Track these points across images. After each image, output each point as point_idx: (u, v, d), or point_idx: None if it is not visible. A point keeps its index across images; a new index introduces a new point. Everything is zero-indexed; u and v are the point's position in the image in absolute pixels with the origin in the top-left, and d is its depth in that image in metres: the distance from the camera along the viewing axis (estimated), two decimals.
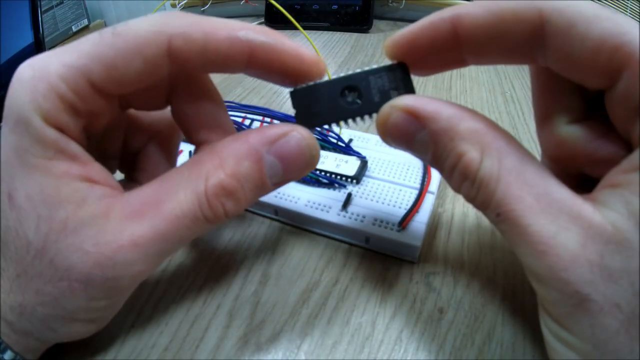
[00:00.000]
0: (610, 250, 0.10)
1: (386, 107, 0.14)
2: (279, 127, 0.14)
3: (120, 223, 0.13)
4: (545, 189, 0.12)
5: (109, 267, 0.13)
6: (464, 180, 0.13)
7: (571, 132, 0.14)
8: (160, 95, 0.16)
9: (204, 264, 0.20)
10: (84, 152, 0.14)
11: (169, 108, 0.17)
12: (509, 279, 0.19)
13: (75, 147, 0.13)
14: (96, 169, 0.14)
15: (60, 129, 0.13)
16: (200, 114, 0.16)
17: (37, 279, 0.13)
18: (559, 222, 0.11)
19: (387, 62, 0.15)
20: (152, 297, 0.19)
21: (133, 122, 0.18)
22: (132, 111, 0.18)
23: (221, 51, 0.13)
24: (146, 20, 0.13)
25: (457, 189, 0.13)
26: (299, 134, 0.14)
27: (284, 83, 0.15)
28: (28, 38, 0.33)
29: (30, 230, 0.13)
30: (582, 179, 0.15)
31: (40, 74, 0.12)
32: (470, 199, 0.13)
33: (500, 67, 0.41)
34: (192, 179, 0.13)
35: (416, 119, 0.13)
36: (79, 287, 0.13)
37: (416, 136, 0.13)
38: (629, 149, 0.12)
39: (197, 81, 0.16)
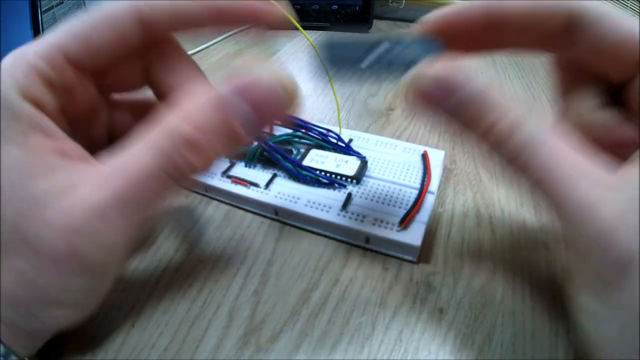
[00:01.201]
0: None
1: (421, 68, 0.13)
2: (248, 73, 0.13)
3: (86, 192, 0.13)
4: (581, 157, 0.12)
5: (74, 238, 0.13)
6: (503, 143, 0.12)
7: (594, 118, 0.15)
8: (135, 71, 0.16)
9: (204, 264, 0.20)
10: (58, 129, 0.14)
11: (150, 91, 0.17)
12: (509, 279, 0.19)
13: (49, 123, 0.13)
14: (70, 145, 0.14)
15: (38, 105, 0.13)
16: (177, 80, 0.16)
17: (14, 257, 0.13)
18: (599, 188, 0.11)
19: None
20: (152, 297, 0.19)
21: (116, 107, 0.18)
22: (114, 96, 0.18)
23: (189, 14, 0.14)
24: None
25: (495, 150, 0.13)
26: (270, 75, 0.13)
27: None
28: (28, 38, 0.33)
29: (6, 205, 0.13)
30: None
31: (19, 56, 0.13)
32: (507, 161, 0.13)
33: (500, 67, 0.41)
34: (152, 136, 0.13)
35: (455, 78, 0.13)
36: (49, 263, 0.13)
37: (450, 99, 0.13)
38: None
39: (170, 48, 0.16)
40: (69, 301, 0.14)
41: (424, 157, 0.24)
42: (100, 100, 0.17)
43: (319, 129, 0.25)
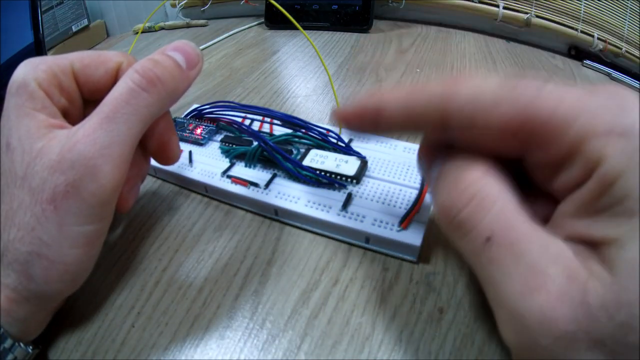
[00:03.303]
0: (589, 288, 0.10)
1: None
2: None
3: (78, 133, 0.15)
4: (529, 221, 0.11)
5: (69, 170, 0.14)
6: (458, 195, 0.12)
7: None
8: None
9: (203, 264, 0.20)
10: (62, 116, 0.17)
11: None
12: None
13: (55, 109, 0.17)
14: (70, 126, 0.17)
15: (48, 95, 0.16)
16: None
17: (19, 210, 0.15)
18: (547, 256, 0.11)
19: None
20: (152, 297, 0.19)
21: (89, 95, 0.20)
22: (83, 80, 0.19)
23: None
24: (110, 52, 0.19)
25: (442, 205, 0.13)
26: (184, 40, 0.19)
27: None
28: (28, 38, 0.33)
29: (17, 163, 0.15)
30: None
31: (42, 60, 0.17)
32: (452, 213, 0.12)
33: (500, 67, 0.41)
34: (124, 76, 0.16)
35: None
36: (48, 208, 0.14)
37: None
38: (552, 200, 0.13)
39: None
40: (65, 256, 0.15)
41: None
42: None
43: (319, 129, 0.25)
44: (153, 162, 0.20)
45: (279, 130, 0.26)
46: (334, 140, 0.25)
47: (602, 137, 0.10)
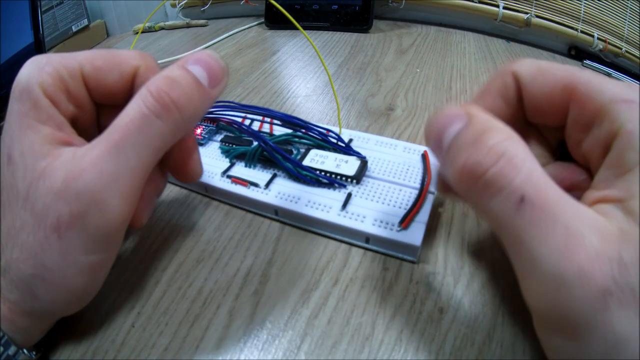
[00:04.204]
0: (623, 248, 0.11)
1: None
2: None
3: (85, 158, 0.14)
4: (556, 186, 0.12)
5: (74, 201, 0.13)
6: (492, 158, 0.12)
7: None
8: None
9: (203, 264, 0.20)
10: (69, 126, 0.16)
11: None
12: (509, 279, 0.19)
13: (62, 119, 0.15)
14: (77, 139, 0.16)
15: (54, 103, 0.15)
16: None
17: (22, 231, 0.14)
18: (580, 218, 0.11)
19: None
20: (152, 297, 0.19)
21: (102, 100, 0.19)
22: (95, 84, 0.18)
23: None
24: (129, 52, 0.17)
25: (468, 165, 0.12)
26: (208, 51, 0.16)
27: None
28: (28, 38, 0.33)
29: (19, 180, 0.14)
30: None
31: (48, 60, 0.15)
32: (479, 170, 0.12)
33: (501, 67, 0.41)
34: (136, 95, 0.15)
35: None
36: (52, 236, 0.14)
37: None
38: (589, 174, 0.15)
39: None
40: (69, 282, 0.14)
41: (424, 157, 0.24)
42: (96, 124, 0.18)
43: (319, 129, 0.25)
44: None
45: (279, 130, 0.26)
46: (334, 140, 0.25)
47: (628, 103, 0.13)
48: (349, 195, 0.22)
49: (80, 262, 0.14)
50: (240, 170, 0.24)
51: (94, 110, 0.17)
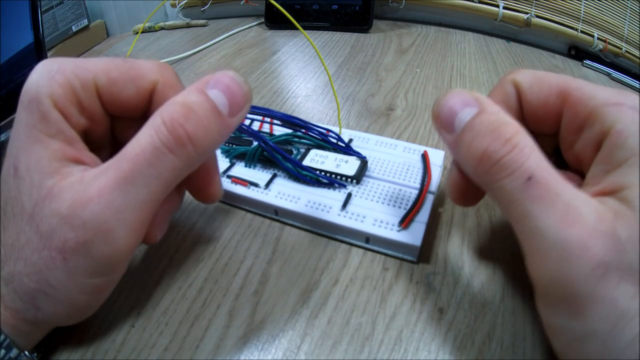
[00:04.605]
0: (619, 226, 0.12)
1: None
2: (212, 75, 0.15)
3: (92, 181, 0.13)
4: (561, 176, 0.13)
5: (80, 228, 0.13)
6: (499, 140, 0.13)
7: None
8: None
9: (203, 264, 0.20)
10: (80, 140, 0.15)
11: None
12: (509, 279, 0.19)
13: (72, 133, 0.15)
14: (88, 155, 0.15)
15: (65, 116, 0.14)
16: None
17: (26, 247, 0.14)
18: (578, 198, 0.12)
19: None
20: (152, 297, 0.19)
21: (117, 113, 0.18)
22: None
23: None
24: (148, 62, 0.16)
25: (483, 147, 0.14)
26: (231, 72, 0.15)
27: None
28: (28, 38, 0.33)
29: (25, 196, 0.14)
30: None
31: (59, 68, 0.14)
32: (496, 157, 0.13)
33: (501, 67, 0.41)
34: (149, 122, 0.14)
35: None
36: (58, 257, 0.13)
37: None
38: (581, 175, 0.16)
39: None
40: (73, 300, 0.14)
41: (424, 157, 0.24)
42: (110, 135, 0.18)
43: (319, 129, 0.25)
44: None
45: (279, 130, 0.26)
46: (334, 140, 0.25)
47: (618, 106, 0.14)
48: (349, 195, 0.22)
49: (85, 283, 0.14)
50: (240, 170, 0.24)
51: (107, 123, 0.17)
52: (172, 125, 0.13)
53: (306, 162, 0.23)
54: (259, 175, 0.24)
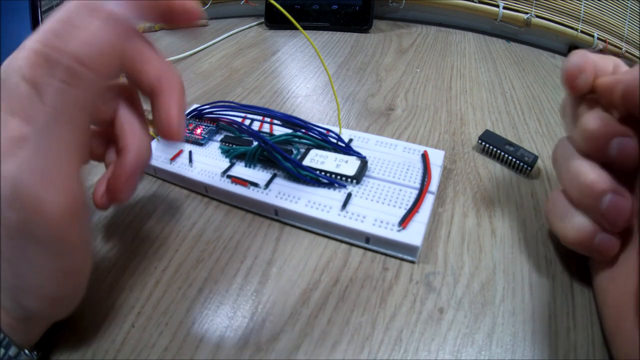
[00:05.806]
0: None
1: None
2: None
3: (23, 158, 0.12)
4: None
5: (18, 207, 0.12)
6: None
7: None
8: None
9: (203, 264, 0.20)
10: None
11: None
12: (509, 279, 0.19)
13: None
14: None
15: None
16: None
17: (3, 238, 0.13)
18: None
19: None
20: (152, 297, 0.19)
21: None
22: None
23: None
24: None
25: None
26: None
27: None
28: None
29: None
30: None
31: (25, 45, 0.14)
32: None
33: (500, 67, 0.41)
34: None
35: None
36: (10, 244, 0.13)
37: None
38: None
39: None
40: (47, 291, 0.14)
41: (424, 157, 0.24)
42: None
43: (319, 129, 0.25)
44: (153, 162, 0.20)
45: (279, 130, 0.26)
46: (334, 140, 0.25)
47: None
48: (349, 195, 0.22)
49: (48, 267, 0.13)
50: (240, 170, 0.24)
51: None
52: (43, 49, 0.12)
53: (306, 162, 0.23)
54: (259, 175, 0.24)
